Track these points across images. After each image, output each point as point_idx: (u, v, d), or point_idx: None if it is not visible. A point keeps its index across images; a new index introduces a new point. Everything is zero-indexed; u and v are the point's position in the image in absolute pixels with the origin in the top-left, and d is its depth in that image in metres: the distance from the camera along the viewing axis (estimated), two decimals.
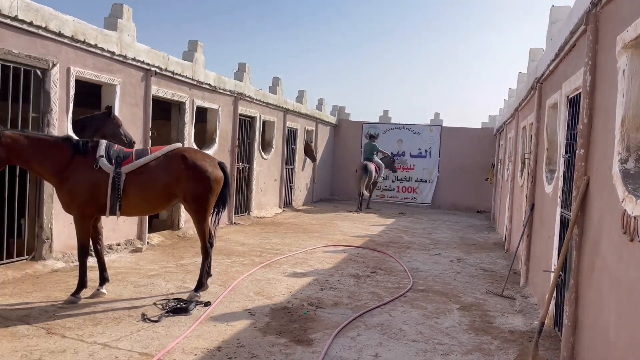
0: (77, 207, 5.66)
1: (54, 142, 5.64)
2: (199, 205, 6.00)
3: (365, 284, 7.20)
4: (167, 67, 9.43)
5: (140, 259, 8.07)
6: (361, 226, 13.43)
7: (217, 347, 4.58)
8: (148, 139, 9.10)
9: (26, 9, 6.42)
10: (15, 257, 6.76)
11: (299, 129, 16.87)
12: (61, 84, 7.13)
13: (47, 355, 4.18)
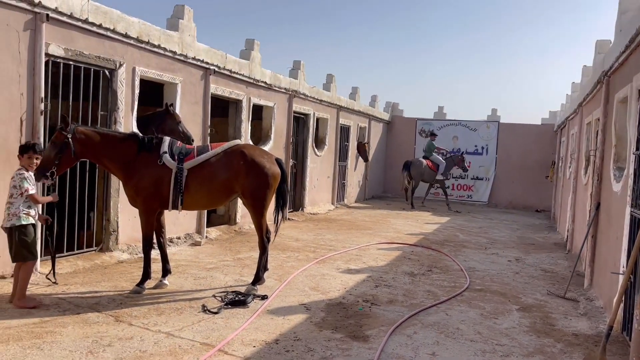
0: (142, 201, 5.90)
1: (122, 138, 5.90)
2: (257, 200, 6.12)
3: (421, 282, 7.13)
4: (225, 65, 9.66)
5: (199, 252, 8.32)
6: (415, 224, 13.29)
7: (275, 340, 4.67)
8: (207, 136, 9.35)
9: (96, 12, 6.74)
10: (85, 248, 7.13)
11: (351, 125, 16.87)
12: (127, 83, 7.44)
13: (116, 341, 4.39)
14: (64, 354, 4.08)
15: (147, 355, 4.16)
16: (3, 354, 3.99)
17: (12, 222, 5.10)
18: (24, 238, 5.14)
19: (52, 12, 6.17)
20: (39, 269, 6.27)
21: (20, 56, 5.94)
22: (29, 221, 5.18)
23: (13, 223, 5.10)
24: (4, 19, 5.74)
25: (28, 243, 5.16)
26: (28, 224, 5.18)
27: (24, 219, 5.14)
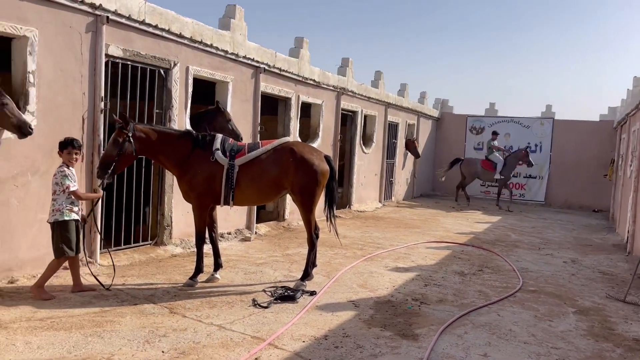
0: (196, 196, 6.05)
1: (178, 135, 6.07)
2: (306, 196, 6.17)
3: (471, 282, 7.00)
4: (275, 64, 9.77)
5: (249, 247, 8.47)
6: (465, 223, 13.04)
7: (324, 336, 4.70)
8: (257, 134, 9.50)
9: (152, 13, 6.96)
10: (140, 241, 7.41)
11: (400, 122, 16.71)
12: (181, 82, 7.65)
13: (171, 332, 4.54)
14: (123, 342, 4.25)
15: (200, 346, 4.28)
16: (67, 341, 4.20)
17: (55, 218, 5.25)
18: (65, 234, 5.26)
19: (112, 14, 6.42)
20: (98, 260, 6.55)
21: (83, 57, 6.22)
22: (71, 217, 5.29)
23: (56, 218, 5.24)
24: (68, 21, 6.02)
25: (68, 239, 5.28)
26: (70, 220, 5.29)
27: (66, 215, 5.27)
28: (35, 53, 5.68)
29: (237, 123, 8.42)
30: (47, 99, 5.87)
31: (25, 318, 4.62)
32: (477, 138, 20.08)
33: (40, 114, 5.81)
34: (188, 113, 7.87)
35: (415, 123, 18.19)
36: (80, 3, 6.06)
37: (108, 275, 6.20)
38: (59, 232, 5.26)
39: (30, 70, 5.66)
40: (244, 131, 8.80)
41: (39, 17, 5.71)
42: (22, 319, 4.59)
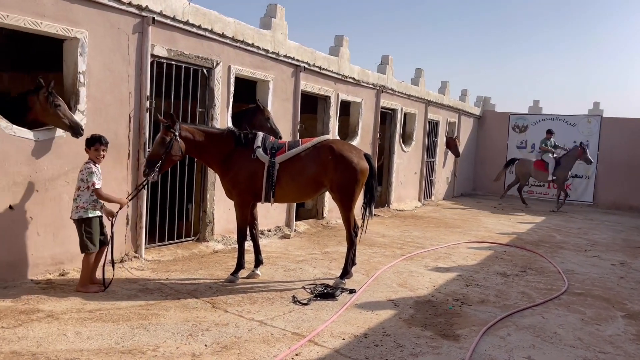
0: (238, 194, 6.14)
1: (221, 134, 6.17)
2: (345, 194, 6.18)
3: (514, 283, 6.86)
4: (314, 62, 9.81)
5: (288, 244, 8.54)
6: (507, 223, 12.77)
7: (364, 334, 4.70)
8: (297, 132, 9.56)
9: (196, 13, 7.11)
10: (183, 237, 7.57)
11: (440, 121, 16.49)
12: (223, 81, 7.78)
13: (213, 326, 4.63)
14: (167, 335, 4.36)
15: (242, 341, 4.35)
16: (114, 332, 4.34)
17: (80, 215, 5.29)
18: (89, 230, 5.30)
19: (158, 16, 6.58)
20: (143, 255, 6.74)
21: (129, 57, 6.41)
22: (95, 214, 5.33)
23: (80, 215, 5.29)
24: (116, 23, 6.21)
25: (92, 235, 5.32)
26: (94, 217, 5.33)
27: (91, 212, 5.30)
28: (85, 54, 5.89)
29: (277, 121, 8.50)
30: (96, 99, 6.08)
31: (75, 309, 4.81)
32: (520, 136, 19.60)
33: (89, 113, 6.02)
34: (230, 112, 8.00)
35: (456, 121, 17.91)
36: (128, 5, 6.24)
37: (153, 270, 6.38)
38: (82, 228, 5.30)
39: (81, 71, 5.87)
40: (283, 130, 8.88)
41: (89, 19, 5.91)
42: (72, 310, 4.77)
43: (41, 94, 5.45)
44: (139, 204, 6.69)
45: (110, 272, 6.13)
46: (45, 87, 5.45)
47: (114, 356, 3.90)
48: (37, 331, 4.25)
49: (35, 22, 5.38)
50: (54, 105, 5.42)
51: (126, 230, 6.57)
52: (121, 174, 6.42)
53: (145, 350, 4.03)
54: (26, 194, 5.44)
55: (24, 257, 5.47)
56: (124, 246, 6.55)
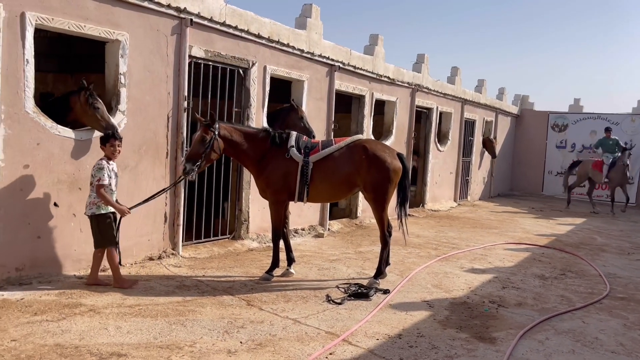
0: (272, 193, 6.19)
1: (257, 133, 6.22)
2: (378, 194, 6.16)
3: (553, 286, 6.70)
4: (349, 62, 9.80)
5: (322, 244, 8.56)
6: (546, 224, 12.47)
7: (398, 335, 4.67)
8: (331, 131, 9.58)
9: (232, 14, 7.20)
10: (219, 235, 7.69)
11: (477, 119, 16.22)
12: (258, 81, 7.86)
13: (248, 324, 4.69)
14: (204, 331, 4.44)
15: (277, 339, 4.39)
16: (153, 327, 4.45)
17: (92, 211, 5.37)
18: (103, 226, 5.36)
19: (195, 17, 6.70)
20: (180, 252, 6.88)
21: (168, 58, 6.54)
22: (107, 210, 5.37)
23: (93, 212, 5.37)
24: (155, 25, 6.35)
25: (106, 231, 5.37)
26: (107, 213, 5.37)
27: (103, 208, 5.35)
28: (126, 56, 6.04)
29: (312, 121, 8.54)
30: (136, 99, 6.23)
31: (115, 304, 4.95)
32: (560, 136, 19.09)
33: (129, 113, 6.18)
34: (265, 111, 8.07)
35: (493, 120, 17.59)
36: (167, 7, 6.37)
37: (189, 267, 6.50)
38: (96, 224, 5.37)
39: (122, 72, 6.03)
40: (318, 129, 8.91)
41: (130, 21, 6.06)
42: (113, 305, 4.91)
43: (82, 95, 5.63)
44: (177, 202, 6.83)
45: (149, 268, 6.29)
46: (86, 88, 5.62)
47: (152, 351, 3.99)
48: (79, 325, 4.39)
49: (79, 25, 5.56)
50: (93, 107, 5.57)
51: (164, 228, 6.72)
52: (160, 173, 6.57)
53: (182, 346, 4.11)
54: (69, 192, 5.62)
55: (68, 253, 5.66)
56: (161, 243, 6.70)
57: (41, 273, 5.46)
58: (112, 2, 5.86)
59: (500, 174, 19.00)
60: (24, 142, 5.23)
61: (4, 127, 5.05)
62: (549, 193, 18.82)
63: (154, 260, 6.54)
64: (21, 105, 5.18)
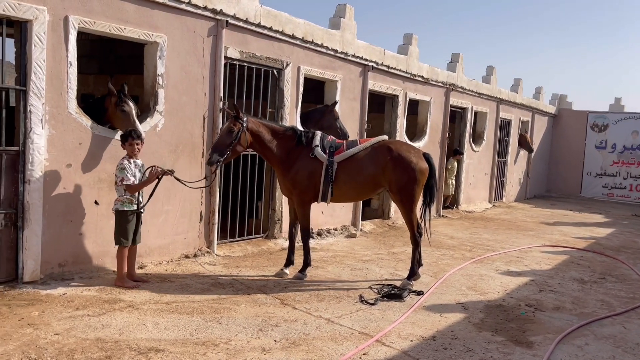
0: (298, 193, 6.14)
1: (284, 131, 6.21)
2: (405, 195, 6.10)
3: (592, 290, 6.52)
4: (383, 61, 9.75)
5: (354, 244, 8.55)
6: (584, 227, 12.14)
7: (432, 337, 4.64)
8: (364, 132, 9.56)
9: (267, 16, 7.27)
10: (253, 234, 7.78)
11: (513, 119, 15.91)
12: (292, 81, 7.90)
13: (282, 322, 4.73)
14: (239, 329, 4.50)
15: (310, 338, 4.41)
16: (189, 324, 4.53)
17: (116, 207, 5.43)
18: (123, 224, 5.36)
19: (231, 19, 6.79)
20: (215, 251, 6.98)
21: (204, 60, 6.65)
22: (130, 208, 5.38)
23: (117, 208, 5.39)
24: (192, 26, 6.46)
25: (125, 229, 5.36)
26: (128, 211, 5.37)
27: (125, 206, 5.36)
28: (164, 57, 6.17)
29: (345, 121, 8.54)
30: (173, 100, 6.36)
31: (153, 301, 5.06)
32: (600, 136, 18.54)
33: (167, 113, 6.30)
34: (299, 112, 8.12)
35: (530, 120, 17.23)
36: (204, 9, 6.48)
37: (224, 265, 6.59)
38: (117, 221, 5.40)
39: (160, 73, 6.16)
40: (351, 129, 8.90)
41: (168, 23, 6.19)
42: (150, 302, 5.03)
43: (113, 97, 5.75)
44: (212, 201, 6.93)
45: (185, 265, 6.40)
46: (114, 92, 5.73)
47: (189, 347, 4.07)
48: (119, 320, 4.51)
49: (119, 28, 5.71)
50: (121, 110, 5.68)
51: (199, 227, 6.83)
52: (195, 172, 6.68)
53: (218, 343, 4.18)
54: (109, 190, 5.77)
55: (107, 250, 5.82)
56: (197, 241, 6.82)
57: (82, 269, 5.63)
58: (151, 4, 5.99)
59: (537, 175, 18.59)
60: (67, 141, 5.40)
61: (48, 127, 5.23)
62: (588, 195, 18.30)
63: (190, 258, 6.66)
64: (64, 106, 5.35)
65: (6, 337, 4.01)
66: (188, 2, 6.28)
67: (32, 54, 5.03)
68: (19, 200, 5.13)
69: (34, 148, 5.12)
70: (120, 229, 5.39)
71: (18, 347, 3.86)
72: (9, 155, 5.07)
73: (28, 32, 5.01)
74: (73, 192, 5.52)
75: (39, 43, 5.06)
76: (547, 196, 19.08)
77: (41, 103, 5.13)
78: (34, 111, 5.09)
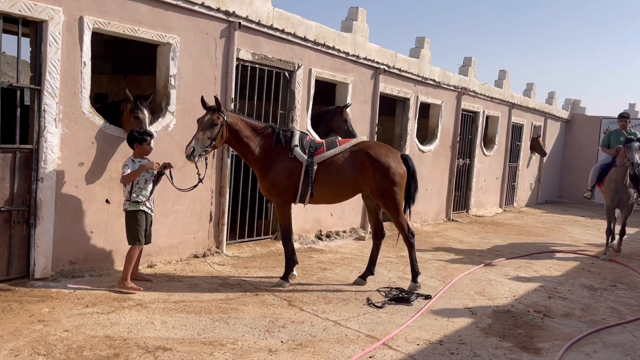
0: (277, 194, 5.97)
1: (263, 128, 6.00)
2: (387, 200, 6.02)
3: (602, 298, 6.46)
4: (394, 64, 9.75)
5: (363, 246, 8.55)
6: (596, 233, 12.02)
7: (439, 341, 4.63)
8: (374, 134, 9.56)
9: (279, 18, 7.30)
10: (262, 235, 7.81)
11: (525, 124, 15.82)
12: (303, 84, 7.93)
13: (289, 324, 4.74)
14: (246, 329, 4.52)
15: (317, 340, 4.42)
16: (197, 323, 4.56)
17: (125, 207, 5.34)
18: (133, 224, 5.30)
19: (244, 21, 6.83)
20: (224, 251, 7.02)
21: (216, 61, 6.70)
22: (138, 208, 5.30)
23: (126, 208, 5.34)
24: (205, 28, 6.51)
25: (135, 229, 5.30)
26: (137, 211, 5.30)
27: (131, 206, 5.29)
28: (176, 58, 6.22)
29: (355, 124, 8.55)
30: (185, 100, 6.41)
31: (162, 300, 5.10)
32: None
33: (178, 114, 6.36)
34: (309, 114, 8.14)
35: (542, 125, 17.11)
36: (216, 11, 6.53)
37: (233, 266, 6.62)
38: (127, 220, 5.35)
39: (172, 74, 6.22)
40: (362, 132, 8.91)
41: (181, 25, 6.24)
42: (159, 301, 5.07)
43: (128, 104, 5.81)
44: (222, 202, 6.97)
45: (194, 265, 6.44)
46: (130, 98, 5.79)
47: (196, 346, 4.10)
48: (127, 318, 4.55)
49: (133, 29, 5.77)
50: (135, 117, 5.74)
51: (209, 227, 6.87)
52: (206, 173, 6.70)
53: (225, 343, 4.20)
54: (120, 189, 5.81)
55: (118, 248, 5.87)
56: (206, 241, 6.86)
57: (92, 267, 5.69)
58: (165, 6, 6.04)
59: (548, 180, 18.46)
60: (80, 140, 5.47)
61: (61, 126, 5.29)
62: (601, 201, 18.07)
63: (199, 258, 6.70)
64: (78, 106, 5.42)
65: (17, 332, 4.07)
66: (201, 4, 6.33)
67: (47, 54, 5.10)
68: (31, 198, 5.20)
69: (47, 146, 5.19)
70: (130, 228, 5.35)
71: (28, 342, 3.91)
72: (23, 153, 5.15)
73: (43, 32, 5.09)
74: (84, 191, 5.59)
75: (54, 43, 5.13)
76: (558, 202, 18.93)
77: (55, 102, 5.20)
78: (48, 110, 5.16)
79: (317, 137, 7.73)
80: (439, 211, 12.02)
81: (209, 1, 6.40)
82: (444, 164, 11.97)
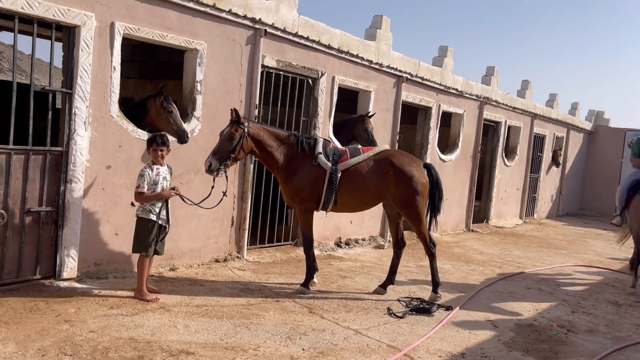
0: (301, 201, 5.97)
1: (286, 136, 6.03)
2: (410, 209, 6.01)
3: (627, 314, 6.35)
4: (417, 73, 9.73)
5: (382, 255, 8.52)
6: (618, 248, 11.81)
7: (461, 353, 4.59)
8: (395, 142, 9.54)
9: (304, 25, 7.35)
10: (282, 241, 7.83)
11: (547, 135, 15.65)
12: (327, 91, 7.96)
13: (310, 331, 4.74)
14: (267, 336, 4.53)
15: (338, 349, 4.42)
16: (219, 328, 4.59)
17: (137, 213, 5.22)
18: (141, 231, 5.15)
19: (269, 28, 6.89)
20: (245, 256, 7.06)
21: (242, 67, 6.76)
22: (148, 216, 5.13)
23: (138, 214, 5.21)
24: (231, 35, 6.58)
25: (143, 237, 5.13)
26: (147, 219, 5.14)
27: (144, 214, 5.14)
28: (203, 64, 6.30)
29: (377, 131, 8.55)
30: (210, 106, 6.47)
31: (184, 303, 5.14)
32: None
33: (204, 119, 6.42)
34: (332, 121, 8.16)
35: (565, 136, 16.90)
36: (243, 18, 6.59)
37: (253, 271, 6.65)
38: (137, 227, 5.20)
39: (199, 80, 6.29)
40: (383, 140, 8.91)
41: (208, 31, 6.31)
42: (181, 304, 5.11)
43: (158, 99, 5.90)
44: (244, 207, 7.01)
45: (215, 269, 6.48)
46: (162, 93, 5.89)
47: (218, 351, 4.12)
48: (151, 321, 4.60)
49: (162, 35, 5.85)
50: (167, 111, 5.83)
51: (231, 231, 6.91)
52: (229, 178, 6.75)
53: (246, 349, 4.22)
54: None
55: None
56: (227, 246, 6.90)
57: (117, 269, 5.77)
58: (193, 12, 6.13)
59: (570, 192, 18.21)
60: (108, 144, 5.56)
61: (91, 129, 5.39)
62: None
63: (220, 263, 6.74)
64: (107, 110, 5.51)
65: (43, 332, 4.13)
66: (228, 11, 6.40)
67: (78, 58, 5.20)
68: (59, 199, 5.29)
69: (76, 149, 5.28)
70: (139, 236, 5.16)
71: (55, 342, 3.97)
72: (53, 155, 5.24)
73: (76, 37, 5.19)
74: (111, 193, 5.67)
75: (86, 48, 5.23)
76: (580, 214, 18.66)
77: (85, 106, 5.30)
78: (78, 113, 5.25)
79: (339, 144, 7.74)
80: (459, 221, 11.93)
81: (236, 8, 6.47)
82: (465, 173, 11.89)
